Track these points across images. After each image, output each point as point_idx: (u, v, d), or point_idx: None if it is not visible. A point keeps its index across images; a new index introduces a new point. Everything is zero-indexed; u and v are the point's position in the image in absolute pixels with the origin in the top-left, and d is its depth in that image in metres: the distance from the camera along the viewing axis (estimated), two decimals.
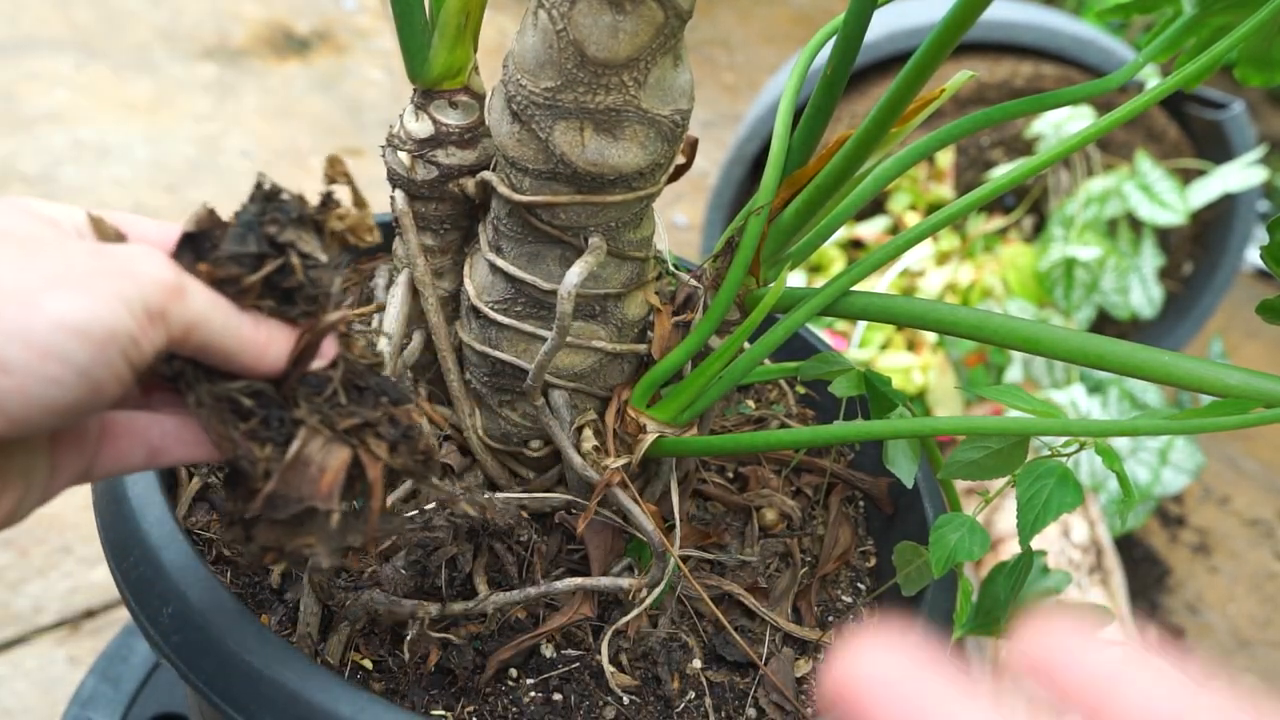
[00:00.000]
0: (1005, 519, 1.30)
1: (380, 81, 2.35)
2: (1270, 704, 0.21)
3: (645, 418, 0.59)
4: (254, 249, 0.38)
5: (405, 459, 0.42)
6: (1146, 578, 1.60)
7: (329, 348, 0.41)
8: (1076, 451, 0.54)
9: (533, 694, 0.57)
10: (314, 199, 0.41)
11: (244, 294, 0.38)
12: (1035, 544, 0.55)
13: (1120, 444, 1.42)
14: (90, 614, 1.19)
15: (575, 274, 0.54)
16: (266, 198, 0.40)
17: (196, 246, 0.39)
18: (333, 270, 0.41)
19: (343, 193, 0.42)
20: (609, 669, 0.57)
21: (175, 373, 0.39)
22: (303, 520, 0.40)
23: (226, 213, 0.40)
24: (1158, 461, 1.42)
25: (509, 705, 0.56)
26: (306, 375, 0.40)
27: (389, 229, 0.74)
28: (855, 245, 1.54)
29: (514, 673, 0.58)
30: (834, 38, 0.52)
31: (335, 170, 0.44)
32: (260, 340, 0.38)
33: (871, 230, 1.52)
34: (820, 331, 1.41)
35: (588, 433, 0.60)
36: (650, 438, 0.58)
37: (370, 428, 0.41)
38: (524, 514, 0.60)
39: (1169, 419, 0.48)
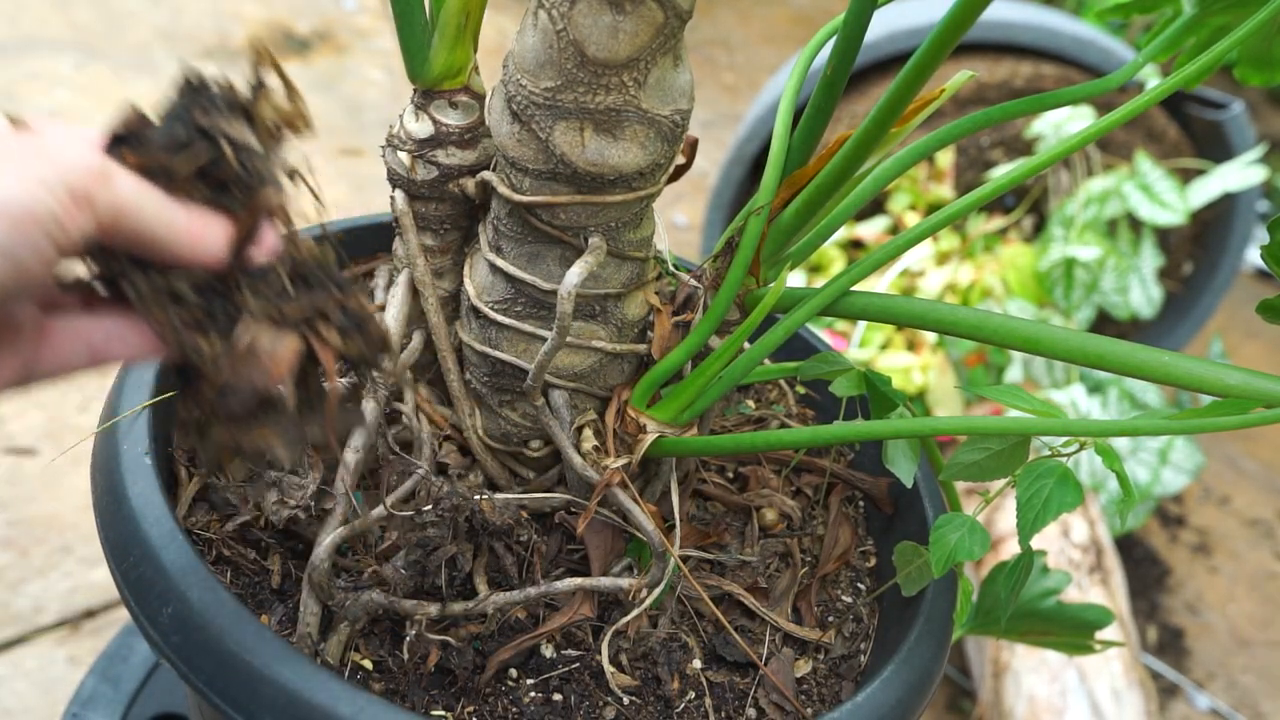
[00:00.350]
0: (1005, 519, 1.30)
1: (380, 81, 2.35)
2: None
3: (645, 418, 0.59)
4: (184, 138, 0.38)
5: (359, 346, 0.42)
6: (1146, 578, 1.60)
7: (270, 238, 0.40)
8: (1076, 451, 0.54)
9: (533, 694, 0.57)
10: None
11: (176, 183, 0.38)
12: (1035, 544, 0.55)
13: (1120, 444, 1.42)
14: (90, 614, 1.19)
15: (575, 274, 0.54)
16: (195, 89, 0.39)
17: (126, 145, 0.38)
18: (268, 159, 0.40)
19: (274, 82, 0.42)
20: (609, 669, 0.57)
21: (116, 272, 0.39)
22: (258, 414, 0.40)
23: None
24: (1158, 461, 1.42)
25: (509, 705, 0.56)
26: (251, 269, 0.40)
27: (389, 229, 0.74)
28: (855, 245, 1.54)
29: (514, 673, 0.57)
30: (834, 38, 0.52)
31: (262, 58, 0.42)
32: (196, 229, 0.38)
33: (871, 230, 1.52)
34: (820, 331, 1.41)
35: (588, 433, 0.60)
36: (650, 438, 0.58)
37: (320, 315, 0.41)
38: (524, 514, 0.60)
39: (1169, 419, 0.48)
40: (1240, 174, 1.43)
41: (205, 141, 0.38)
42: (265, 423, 0.40)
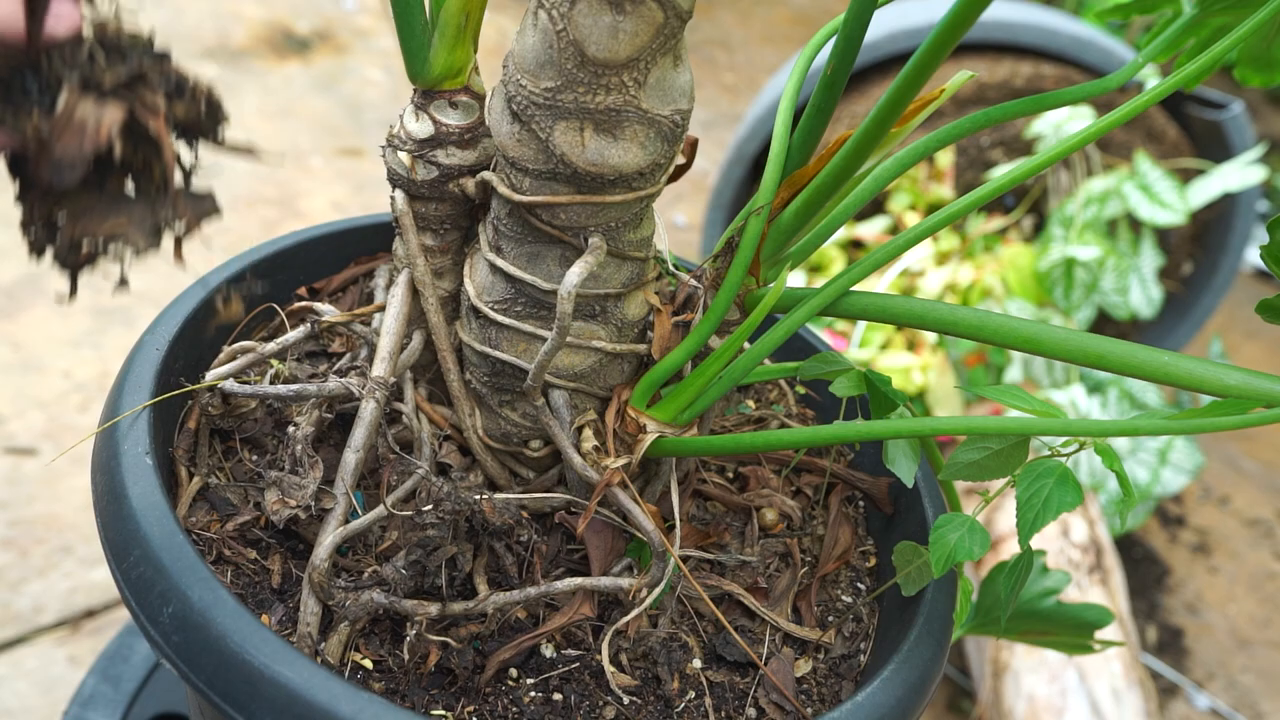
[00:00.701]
0: (1005, 519, 1.30)
1: (380, 81, 2.35)
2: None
3: (645, 418, 0.59)
4: None
5: (187, 108, 0.41)
6: (1146, 578, 1.60)
7: (68, 10, 0.39)
8: (1076, 451, 0.54)
9: (533, 694, 0.57)
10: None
11: None
12: (1035, 544, 0.55)
13: (1120, 444, 1.43)
14: (90, 614, 1.19)
15: (575, 274, 0.54)
16: None
17: None
18: None
19: None
20: (609, 669, 0.57)
21: None
22: (104, 204, 0.39)
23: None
24: (1157, 461, 1.42)
25: (509, 705, 0.56)
26: (59, 47, 0.39)
27: (389, 229, 0.74)
28: (855, 245, 1.54)
29: (514, 673, 0.58)
30: (834, 38, 0.52)
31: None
32: None
33: (871, 230, 1.52)
34: (820, 331, 1.41)
35: (588, 433, 0.60)
36: (650, 438, 0.58)
37: (141, 81, 0.40)
38: (524, 514, 0.60)
39: (1169, 419, 0.49)
40: (1240, 174, 1.43)
41: None
42: (114, 211, 0.39)
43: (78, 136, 0.38)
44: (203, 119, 0.42)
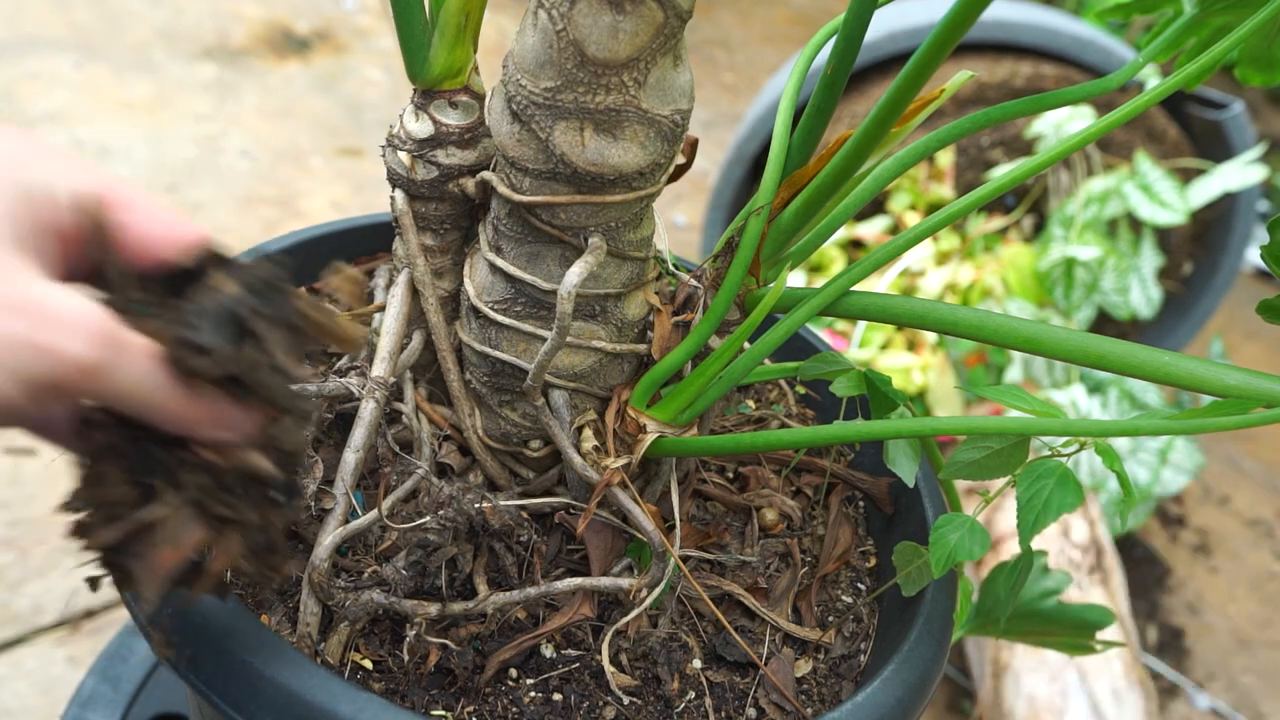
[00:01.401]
0: (1005, 519, 1.30)
1: (380, 81, 2.35)
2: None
3: (645, 418, 0.59)
4: (226, 345, 0.36)
5: (254, 566, 0.41)
6: (1146, 578, 1.60)
7: (250, 432, 0.39)
8: (1076, 451, 0.54)
9: (533, 694, 0.57)
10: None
11: (193, 378, 0.36)
12: (1035, 544, 0.55)
13: (1120, 444, 1.42)
14: (90, 614, 1.19)
15: (575, 274, 0.54)
16: (269, 284, 0.38)
17: (178, 281, 0.37)
18: (290, 378, 0.38)
19: (339, 313, 0.41)
20: (609, 669, 0.57)
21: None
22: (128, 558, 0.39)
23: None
24: (1158, 461, 1.42)
25: (509, 705, 0.56)
26: (203, 450, 0.38)
27: (389, 229, 0.74)
28: (855, 245, 1.54)
29: (514, 673, 0.57)
30: (834, 38, 0.52)
31: (344, 281, 0.42)
32: (189, 417, 0.37)
33: (871, 230, 1.52)
34: (820, 331, 1.41)
35: (588, 433, 0.60)
36: (650, 438, 0.58)
37: (238, 525, 0.40)
38: (524, 514, 0.60)
39: (1169, 419, 0.48)
40: (1240, 173, 1.43)
41: (246, 353, 0.37)
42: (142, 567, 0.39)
43: (144, 540, 0.37)
44: (259, 575, 0.42)
